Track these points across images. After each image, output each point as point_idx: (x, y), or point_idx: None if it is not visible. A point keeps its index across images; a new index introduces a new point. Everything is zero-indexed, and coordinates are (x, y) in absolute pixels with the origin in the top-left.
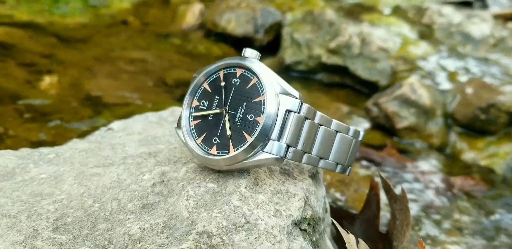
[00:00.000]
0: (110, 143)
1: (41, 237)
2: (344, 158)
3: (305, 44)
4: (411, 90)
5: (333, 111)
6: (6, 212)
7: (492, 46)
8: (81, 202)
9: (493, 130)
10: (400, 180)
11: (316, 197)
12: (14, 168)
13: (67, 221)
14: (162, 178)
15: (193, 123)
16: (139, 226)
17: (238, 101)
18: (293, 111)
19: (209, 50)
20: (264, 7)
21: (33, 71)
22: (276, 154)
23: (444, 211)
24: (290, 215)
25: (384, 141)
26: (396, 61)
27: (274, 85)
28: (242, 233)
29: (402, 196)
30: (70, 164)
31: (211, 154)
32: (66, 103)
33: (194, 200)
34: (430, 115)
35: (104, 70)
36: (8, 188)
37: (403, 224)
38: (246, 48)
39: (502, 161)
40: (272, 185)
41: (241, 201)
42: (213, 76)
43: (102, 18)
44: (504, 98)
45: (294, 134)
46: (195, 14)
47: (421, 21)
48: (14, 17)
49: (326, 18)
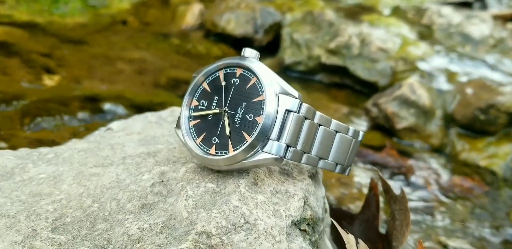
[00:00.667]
0: (109, 143)
1: (40, 237)
2: (343, 158)
3: (305, 44)
4: (411, 91)
5: (332, 112)
6: (5, 212)
7: (491, 46)
8: (80, 202)
9: (493, 131)
10: (400, 180)
11: (315, 197)
12: (13, 168)
13: (66, 221)
14: (162, 178)
15: (193, 123)
16: (138, 226)
17: (237, 101)
18: (292, 111)
19: (208, 50)
20: (263, 8)
21: (32, 71)
22: (275, 154)
23: (443, 212)
24: (290, 215)
25: (383, 142)
26: (396, 61)
27: (274, 85)
28: (241, 233)
29: (401, 196)
30: (69, 164)
31: (211, 154)
32: (66, 103)
33: (193, 200)
34: (429, 116)
35: (103, 70)
36: (7, 188)
37: (403, 225)
38: (245, 48)
39: (502, 161)
40: (271, 185)
41: (241, 201)
42: (213, 76)
43: (101, 18)
44: (504, 98)
45: (293, 134)
46: (194, 14)
47: (421, 21)
48: (14, 17)
49: (326, 19)
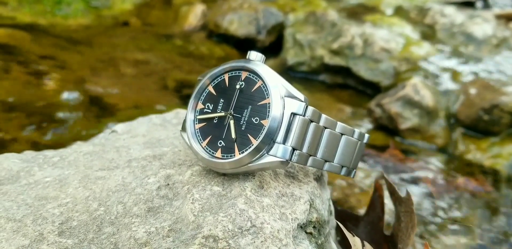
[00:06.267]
0: (114, 146)
1: (46, 241)
2: (349, 160)
3: (308, 45)
4: (414, 91)
5: (335, 112)
6: (11, 216)
7: (494, 46)
8: (86, 206)
9: (497, 131)
10: (404, 181)
11: (321, 199)
12: (18, 171)
13: (72, 225)
14: (167, 181)
15: (198, 126)
16: (144, 229)
17: (243, 104)
18: (298, 114)
19: (211, 51)
20: (266, 8)
21: (35, 73)
22: (281, 157)
23: (447, 212)
24: (296, 218)
25: (387, 142)
26: (399, 61)
27: (279, 88)
28: (248, 237)
29: (407, 198)
30: (75, 167)
31: (216, 157)
32: (69, 105)
33: (199, 203)
34: (433, 116)
35: (106, 71)
36: (13, 192)
37: (408, 227)
38: (251, 51)
39: (506, 161)
40: (277, 188)
41: (247, 204)
42: (218, 79)
43: (104, 20)
44: (507, 98)
45: (299, 137)
46: (197, 15)
47: (424, 21)
48: (17, 19)
49: (329, 19)
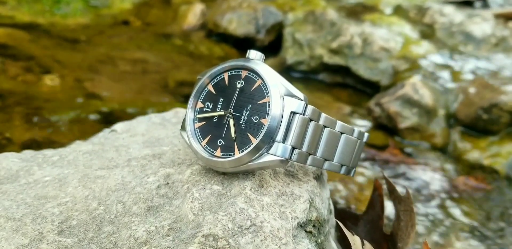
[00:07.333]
0: (113, 145)
1: (46, 240)
2: (348, 159)
3: (307, 44)
4: (414, 90)
5: (335, 111)
6: (11, 215)
7: (493, 45)
8: (86, 205)
9: (496, 130)
10: (403, 180)
11: (320, 198)
12: (18, 170)
13: (72, 224)
14: (167, 180)
15: (198, 125)
16: (144, 228)
17: (242, 103)
18: (298, 113)
19: (210, 51)
20: (265, 7)
21: (34, 73)
22: (281, 156)
23: (447, 211)
24: (296, 217)
25: (386, 141)
26: (398, 61)
27: (279, 87)
28: (248, 236)
29: (406, 197)
30: (74, 167)
31: (216, 156)
32: (68, 104)
33: (199, 202)
34: (432, 115)
35: (106, 71)
36: (12, 191)
37: (408, 225)
38: (250, 50)
39: (505, 160)
40: (277, 187)
41: (247, 203)
42: (218, 78)
43: (103, 19)
44: (507, 98)
45: (299, 136)
46: (196, 14)
47: (423, 20)
48: (16, 18)
49: (328, 18)
